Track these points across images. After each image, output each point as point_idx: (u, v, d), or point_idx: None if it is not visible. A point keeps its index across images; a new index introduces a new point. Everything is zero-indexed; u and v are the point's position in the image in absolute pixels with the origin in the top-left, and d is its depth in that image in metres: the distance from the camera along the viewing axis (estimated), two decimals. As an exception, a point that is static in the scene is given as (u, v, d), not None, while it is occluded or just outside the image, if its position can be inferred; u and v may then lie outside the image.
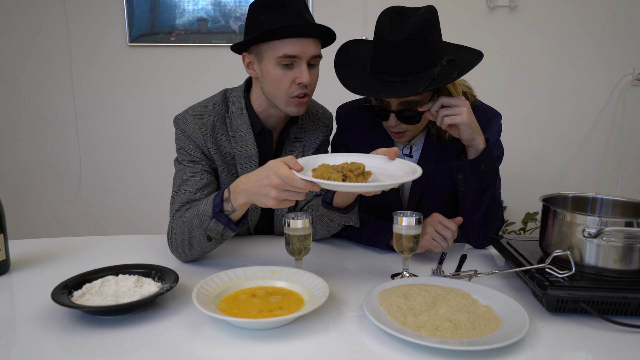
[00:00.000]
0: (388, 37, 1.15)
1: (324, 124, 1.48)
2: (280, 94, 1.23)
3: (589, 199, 1.15)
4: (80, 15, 2.65)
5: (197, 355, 0.79)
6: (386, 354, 0.79)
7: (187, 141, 1.28)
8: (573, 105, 2.75)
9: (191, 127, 1.27)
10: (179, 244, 1.18)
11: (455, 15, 2.60)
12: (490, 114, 1.39)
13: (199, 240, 1.13)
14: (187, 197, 1.23)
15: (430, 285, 1.00)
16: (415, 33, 1.13)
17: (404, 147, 1.43)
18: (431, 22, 1.16)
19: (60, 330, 0.86)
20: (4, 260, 1.12)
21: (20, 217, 2.83)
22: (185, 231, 1.15)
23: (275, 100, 1.25)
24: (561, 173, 2.84)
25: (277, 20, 1.16)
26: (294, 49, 1.18)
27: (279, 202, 0.99)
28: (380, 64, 1.20)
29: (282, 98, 1.23)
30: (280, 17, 1.16)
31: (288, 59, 1.18)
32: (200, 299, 0.90)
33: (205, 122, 1.28)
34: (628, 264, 0.93)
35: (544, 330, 0.87)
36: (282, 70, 1.20)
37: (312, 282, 0.99)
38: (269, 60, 1.20)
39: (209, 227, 1.09)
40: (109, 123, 2.77)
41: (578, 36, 2.66)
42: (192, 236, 1.14)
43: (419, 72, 1.17)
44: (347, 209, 1.21)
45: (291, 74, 1.20)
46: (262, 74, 1.23)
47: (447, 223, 1.19)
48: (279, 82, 1.21)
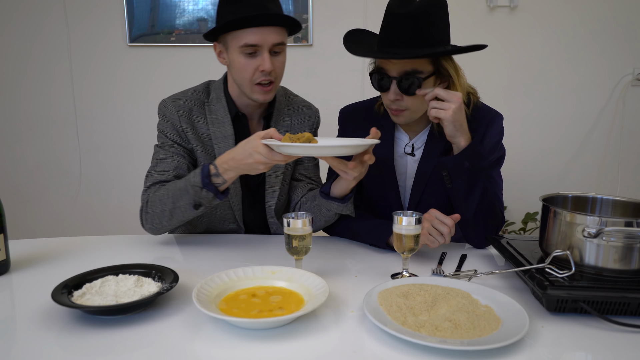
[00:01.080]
0: (395, 9, 1.22)
1: (309, 117, 1.55)
2: (245, 81, 1.30)
3: (589, 199, 1.15)
4: (80, 15, 2.65)
5: (197, 355, 0.79)
6: (386, 353, 0.79)
7: (165, 124, 1.38)
8: (573, 105, 2.75)
9: (169, 109, 1.38)
10: (156, 215, 1.28)
11: (455, 15, 2.58)
12: (492, 115, 1.40)
13: (184, 209, 1.23)
14: (159, 177, 1.33)
15: (430, 285, 1.00)
16: (421, 7, 1.20)
17: (406, 146, 1.43)
18: (438, 4, 1.23)
19: (60, 330, 0.86)
20: (4, 260, 1.12)
21: (20, 217, 2.83)
22: (167, 202, 1.25)
23: (242, 87, 1.33)
24: (561, 173, 2.84)
25: (238, 11, 1.23)
26: (254, 38, 1.25)
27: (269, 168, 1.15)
28: (385, 35, 1.26)
29: (247, 85, 1.31)
30: (241, 7, 1.23)
31: (250, 47, 1.25)
32: (200, 299, 0.90)
33: (183, 105, 1.38)
34: (628, 264, 0.93)
35: (544, 330, 0.87)
36: (245, 59, 1.27)
37: (312, 282, 0.99)
38: (233, 49, 1.29)
39: (202, 195, 1.20)
40: (109, 123, 2.77)
41: (578, 36, 2.66)
42: (176, 207, 1.24)
43: (422, 45, 1.22)
44: (344, 198, 1.28)
45: (254, 62, 1.27)
46: (230, 62, 1.33)
47: (443, 218, 1.20)
48: (243, 70, 1.29)
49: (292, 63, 2.72)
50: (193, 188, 1.20)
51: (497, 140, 1.40)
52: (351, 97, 2.73)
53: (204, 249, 1.31)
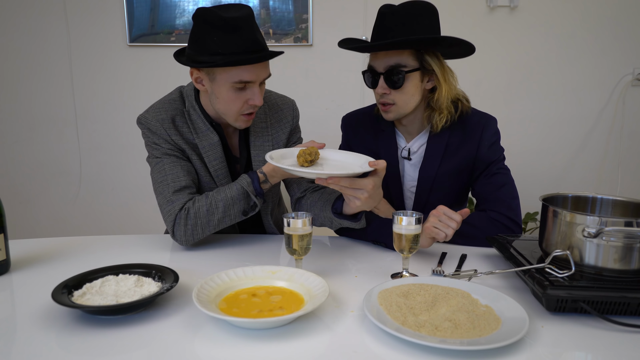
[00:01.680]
0: (383, 10, 1.33)
1: (287, 113, 1.50)
2: (231, 113, 1.28)
3: (589, 198, 1.15)
4: (80, 15, 2.65)
5: (197, 355, 0.79)
6: (386, 353, 0.79)
7: (154, 137, 1.33)
8: (573, 105, 2.75)
9: (153, 124, 1.32)
10: (201, 226, 1.25)
11: (455, 15, 2.60)
12: (486, 120, 1.45)
13: (234, 217, 1.26)
14: (180, 184, 1.28)
15: (430, 285, 1.00)
16: (409, 8, 1.30)
17: (403, 150, 1.45)
18: (427, 6, 1.32)
19: (60, 330, 0.86)
20: (4, 260, 1.12)
21: (20, 217, 2.83)
22: (215, 212, 1.24)
23: (225, 116, 1.30)
24: (561, 173, 2.84)
25: (231, 45, 1.17)
26: (250, 76, 1.21)
27: None
28: (374, 33, 1.36)
29: (232, 116, 1.29)
30: (235, 42, 1.17)
31: (243, 83, 1.22)
32: (200, 298, 0.90)
33: (165, 117, 1.33)
34: (628, 264, 0.93)
35: (544, 330, 0.87)
36: (235, 93, 1.23)
37: (312, 281, 0.99)
38: (222, 83, 1.23)
39: (254, 202, 1.24)
40: (109, 123, 2.77)
41: (578, 36, 2.66)
42: (227, 215, 1.25)
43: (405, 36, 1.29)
44: (356, 216, 1.26)
45: (244, 96, 1.24)
46: (214, 92, 1.26)
47: (451, 214, 1.21)
48: (232, 103, 1.25)
49: (292, 63, 2.73)
50: (247, 196, 1.23)
51: (493, 141, 1.43)
52: (351, 97, 2.74)
53: (203, 249, 1.31)
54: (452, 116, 1.40)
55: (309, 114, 2.69)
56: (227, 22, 1.16)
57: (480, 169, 1.43)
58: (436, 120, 1.40)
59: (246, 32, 1.18)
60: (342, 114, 1.64)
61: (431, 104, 1.40)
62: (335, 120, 1.65)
